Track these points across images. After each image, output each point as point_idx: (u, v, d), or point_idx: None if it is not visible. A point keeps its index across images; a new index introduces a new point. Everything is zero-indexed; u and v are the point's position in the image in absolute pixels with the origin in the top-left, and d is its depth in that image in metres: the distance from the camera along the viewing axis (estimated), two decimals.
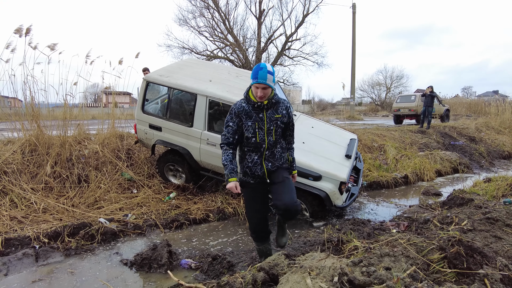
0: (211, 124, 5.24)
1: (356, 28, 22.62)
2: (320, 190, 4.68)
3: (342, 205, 4.81)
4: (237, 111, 2.70)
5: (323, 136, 5.77)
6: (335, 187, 4.67)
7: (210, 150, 5.16)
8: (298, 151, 4.94)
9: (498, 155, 10.93)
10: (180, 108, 5.65)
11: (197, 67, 6.13)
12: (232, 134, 2.71)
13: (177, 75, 5.51)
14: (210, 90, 5.08)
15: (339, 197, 4.74)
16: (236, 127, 2.71)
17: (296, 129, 5.48)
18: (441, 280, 2.28)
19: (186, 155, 5.36)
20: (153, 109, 5.95)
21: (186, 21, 24.44)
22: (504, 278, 2.14)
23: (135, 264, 3.48)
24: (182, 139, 5.34)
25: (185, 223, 4.74)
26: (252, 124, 2.70)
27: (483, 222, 3.35)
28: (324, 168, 4.75)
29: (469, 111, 24.45)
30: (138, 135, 5.77)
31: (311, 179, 4.71)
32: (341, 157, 5.22)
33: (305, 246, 3.60)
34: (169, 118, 5.44)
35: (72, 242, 3.96)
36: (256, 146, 2.75)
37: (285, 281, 2.11)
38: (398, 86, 42.85)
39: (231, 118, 2.73)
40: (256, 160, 2.78)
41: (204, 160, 5.33)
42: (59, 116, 6.21)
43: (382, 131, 11.06)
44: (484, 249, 2.57)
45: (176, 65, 6.21)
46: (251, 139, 2.74)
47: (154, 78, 5.42)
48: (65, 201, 5.06)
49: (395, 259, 2.59)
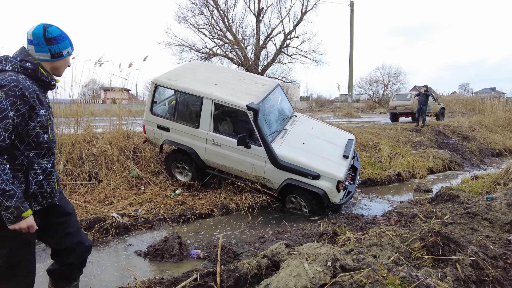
0: (216, 125, 5.57)
1: (354, 25, 22.98)
2: (318, 188, 5.02)
3: (339, 203, 5.14)
4: (27, 94, 1.82)
5: (322, 136, 6.06)
6: (333, 185, 5.01)
7: (216, 149, 5.49)
8: (298, 151, 5.32)
9: (489, 153, 11.32)
10: (187, 110, 5.97)
11: (202, 70, 6.44)
12: (10, 133, 1.76)
13: (184, 78, 5.81)
14: (215, 94, 5.38)
15: (337, 195, 5.08)
16: (20, 120, 1.81)
17: (297, 130, 5.92)
18: (420, 265, 2.64)
19: (193, 154, 5.67)
20: (161, 110, 6.25)
21: (185, 19, 24.64)
22: (473, 263, 2.51)
23: (149, 255, 3.83)
24: (189, 139, 5.65)
25: (191, 217, 5.09)
26: (45, 114, 1.97)
27: (463, 216, 3.71)
28: (322, 168, 5.08)
29: (465, 108, 24.83)
30: (147, 135, 6.08)
31: (310, 178, 5.05)
32: (339, 157, 5.52)
33: (303, 238, 3.95)
34: (176, 120, 5.75)
35: (89, 235, 4.29)
36: (49, 147, 2.03)
37: (286, 266, 2.47)
38: (395, 83, 43.30)
39: (12, 104, 1.76)
40: (49, 169, 2.03)
41: (210, 159, 5.66)
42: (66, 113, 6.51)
43: (378, 129, 11.42)
44: (460, 239, 2.93)
45: (183, 68, 6.52)
46: (42, 137, 1.96)
47: (162, 81, 5.71)
48: (78, 197, 5.39)
49: (382, 248, 2.95)
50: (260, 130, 5.15)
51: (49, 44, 1.99)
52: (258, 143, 5.21)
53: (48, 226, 2.09)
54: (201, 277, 2.66)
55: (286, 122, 6.12)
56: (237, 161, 5.44)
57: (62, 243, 2.14)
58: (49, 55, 2.01)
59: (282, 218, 5.20)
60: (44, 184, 1.99)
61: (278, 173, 5.24)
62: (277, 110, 6.32)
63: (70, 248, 2.16)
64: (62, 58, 2.07)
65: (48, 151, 2.04)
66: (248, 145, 5.20)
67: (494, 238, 3.22)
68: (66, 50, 2.08)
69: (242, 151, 5.32)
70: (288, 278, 2.34)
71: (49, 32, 1.99)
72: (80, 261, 2.24)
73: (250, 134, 5.24)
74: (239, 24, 26.31)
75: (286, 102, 6.74)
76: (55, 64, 2.07)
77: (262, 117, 5.40)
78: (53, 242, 2.14)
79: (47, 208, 2.03)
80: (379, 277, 2.22)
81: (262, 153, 5.21)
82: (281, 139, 5.50)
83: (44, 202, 2.01)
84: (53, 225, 2.11)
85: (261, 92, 5.80)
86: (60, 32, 2.04)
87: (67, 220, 2.16)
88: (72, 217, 2.19)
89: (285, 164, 5.14)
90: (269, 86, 6.19)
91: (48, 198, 2.03)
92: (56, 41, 2.01)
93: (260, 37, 25.62)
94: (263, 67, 25.69)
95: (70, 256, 2.17)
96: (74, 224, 2.19)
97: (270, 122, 5.74)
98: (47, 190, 2.02)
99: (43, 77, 1.99)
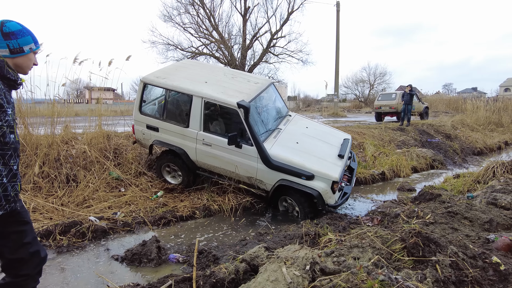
0: (207, 124, 5.40)
1: (340, 26, 23.15)
2: (312, 189, 4.81)
3: (335, 204, 4.92)
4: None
5: (316, 136, 5.90)
6: (328, 186, 4.80)
7: (206, 150, 5.34)
8: (292, 150, 5.15)
9: (471, 152, 11.54)
10: (177, 109, 5.80)
11: (193, 69, 6.28)
12: None
13: (174, 76, 5.66)
14: (205, 92, 5.24)
15: (332, 196, 4.86)
16: None
17: (290, 129, 5.79)
18: (400, 267, 2.60)
19: (183, 155, 5.50)
20: (151, 110, 6.07)
21: (171, 18, 24.37)
22: (453, 264, 2.48)
23: (126, 259, 3.69)
24: (179, 139, 5.50)
25: (172, 220, 4.97)
26: (12, 113, 1.91)
27: (444, 215, 3.72)
28: (316, 168, 4.89)
29: (448, 107, 25.39)
30: (136, 136, 5.91)
31: (304, 179, 4.85)
32: (334, 157, 5.32)
33: (285, 239, 3.89)
34: (166, 119, 5.59)
35: (64, 240, 4.13)
36: (16, 148, 1.96)
37: (264, 270, 2.39)
38: (381, 83, 43.93)
39: None
40: (14, 171, 1.94)
41: (200, 160, 5.50)
42: (45, 113, 6.28)
43: (363, 129, 11.49)
44: (440, 239, 2.92)
45: (173, 67, 6.36)
46: (9, 137, 1.90)
47: (151, 79, 5.56)
48: (54, 200, 5.20)
49: (363, 250, 2.91)
50: (252, 128, 4.99)
51: (6, 39, 1.89)
52: (249, 142, 5.04)
53: (4, 235, 1.95)
54: (176, 283, 2.56)
55: (280, 121, 5.96)
56: (228, 162, 5.27)
57: (18, 253, 2.00)
58: (7, 50, 1.91)
59: (265, 219, 5.13)
60: (8, 187, 1.87)
61: (270, 174, 5.06)
62: (270, 109, 6.16)
63: (26, 259, 2.03)
64: (23, 54, 1.96)
65: (14, 152, 1.94)
66: (239, 145, 5.04)
67: (474, 237, 3.22)
68: (28, 46, 1.97)
69: (233, 151, 5.15)
70: (266, 283, 2.26)
71: (7, 27, 1.89)
72: (36, 271, 2.12)
73: (242, 133, 5.06)
74: (226, 23, 26.15)
75: (280, 102, 6.56)
76: (16, 61, 1.95)
77: (254, 115, 5.24)
78: (8, 252, 1.99)
79: (5, 216, 1.90)
80: (358, 281, 2.16)
81: (254, 153, 5.04)
82: (274, 138, 5.33)
83: (7, 206, 1.88)
84: (9, 234, 1.96)
85: (253, 90, 5.64)
86: (20, 28, 1.94)
87: (25, 230, 2.03)
88: (29, 226, 2.06)
89: (277, 164, 4.95)
90: (261, 85, 6.02)
91: (12, 202, 1.91)
92: (15, 36, 1.91)
93: (246, 36, 25.55)
94: (250, 67, 25.61)
95: (26, 267, 2.04)
96: (31, 234, 2.06)
97: (263, 121, 5.59)
98: (11, 194, 1.90)
99: (9, 74, 1.89)
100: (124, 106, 13.84)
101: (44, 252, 2.14)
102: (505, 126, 16.23)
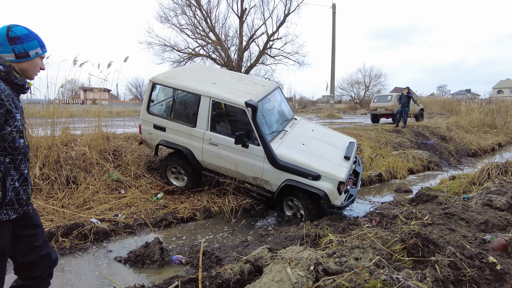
0: (214, 124, 5.45)
1: (336, 28, 23.33)
2: (319, 189, 4.80)
3: (341, 205, 4.88)
4: (3, 97, 1.79)
5: (322, 139, 5.95)
6: (334, 186, 4.80)
7: (212, 149, 5.37)
8: (298, 151, 5.19)
9: (466, 153, 11.70)
10: (184, 109, 5.86)
11: (201, 71, 6.38)
12: None
13: (182, 77, 5.73)
14: (213, 92, 5.30)
15: (338, 197, 4.84)
16: None
17: (296, 132, 5.87)
18: (401, 267, 2.68)
19: (189, 155, 5.53)
20: (158, 110, 6.11)
21: (167, 19, 24.35)
22: (451, 263, 2.56)
23: (129, 261, 3.73)
24: (185, 139, 5.54)
25: (173, 221, 5.01)
26: (20, 118, 1.92)
27: (442, 216, 3.80)
28: (323, 168, 4.90)
29: (443, 109, 25.65)
30: (143, 136, 5.94)
31: (310, 179, 4.85)
32: (340, 159, 5.36)
33: (286, 241, 3.95)
34: (173, 119, 5.63)
35: (66, 242, 4.15)
36: (25, 152, 1.97)
37: (269, 271, 2.45)
38: (376, 84, 44.23)
39: None
40: (25, 175, 1.96)
41: (206, 160, 5.53)
42: (44, 114, 6.29)
43: (359, 130, 11.60)
44: (439, 240, 3.00)
45: (181, 69, 6.50)
46: (18, 142, 1.91)
47: (160, 79, 5.61)
48: (55, 202, 5.21)
49: (364, 250, 2.98)
50: (259, 128, 5.02)
51: (12, 44, 1.89)
52: (256, 142, 5.06)
53: (16, 239, 1.97)
54: (183, 284, 2.61)
55: (286, 124, 6.02)
56: (234, 162, 5.30)
57: (30, 256, 2.03)
58: (13, 55, 1.90)
59: (265, 221, 5.18)
60: (20, 191, 1.91)
61: (276, 174, 5.06)
62: (276, 112, 6.23)
63: (38, 262, 2.07)
64: (29, 59, 1.96)
65: (24, 157, 1.96)
66: (246, 144, 5.06)
67: (471, 238, 3.31)
68: (34, 50, 1.97)
69: (240, 151, 5.18)
70: (271, 283, 2.32)
71: (13, 32, 1.89)
72: (47, 274, 2.15)
73: (248, 133, 5.09)
74: (222, 24, 26.22)
75: (286, 105, 6.64)
76: (22, 66, 1.95)
77: (261, 116, 5.29)
78: (20, 255, 2.02)
79: (17, 220, 1.94)
80: (361, 281, 2.23)
81: (261, 152, 5.06)
82: (280, 139, 5.37)
83: (20, 209, 1.92)
84: (21, 237, 1.99)
85: (260, 92, 5.72)
86: (26, 32, 1.94)
87: (36, 233, 2.07)
88: (40, 229, 2.11)
89: (284, 164, 4.96)
90: (268, 87, 6.13)
91: (24, 206, 1.95)
92: (21, 40, 1.91)
93: (243, 38, 25.63)
94: (246, 68, 25.69)
95: (37, 270, 2.08)
96: (42, 237, 2.10)
97: (269, 123, 5.64)
98: (23, 197, 1.93)
99: (16, 80, 1.90)
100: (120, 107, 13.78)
101: (55, 255, 2.18)
102: (499, 128, 16.45)
